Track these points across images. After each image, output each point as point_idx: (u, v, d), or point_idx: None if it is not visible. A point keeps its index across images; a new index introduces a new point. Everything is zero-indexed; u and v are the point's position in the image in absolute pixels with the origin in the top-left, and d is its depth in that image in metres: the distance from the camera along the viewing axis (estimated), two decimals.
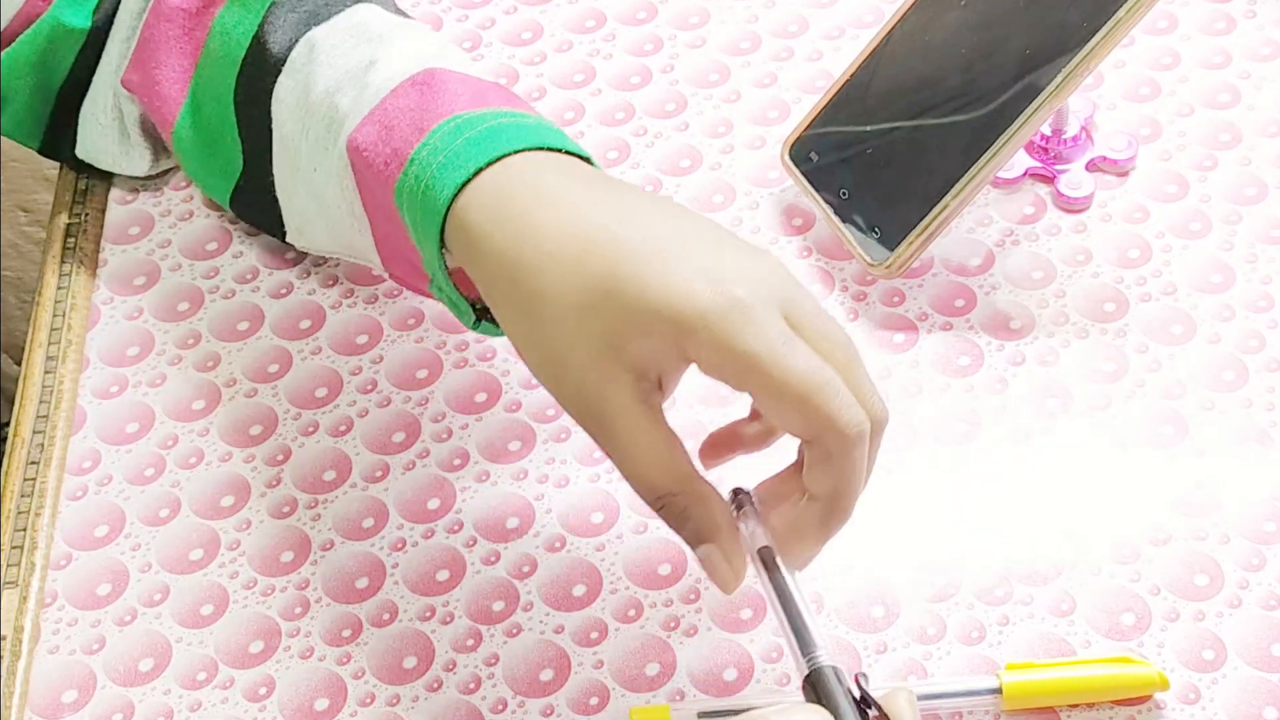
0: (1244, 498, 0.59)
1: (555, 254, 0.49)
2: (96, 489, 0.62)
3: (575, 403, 0.50)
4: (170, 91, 0.66)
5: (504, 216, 0.51)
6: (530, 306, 0.50)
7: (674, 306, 0.47)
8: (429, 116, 0.55)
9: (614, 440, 0.49)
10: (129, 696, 0.56)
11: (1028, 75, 0.63)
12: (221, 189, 0.66)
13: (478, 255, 0.51)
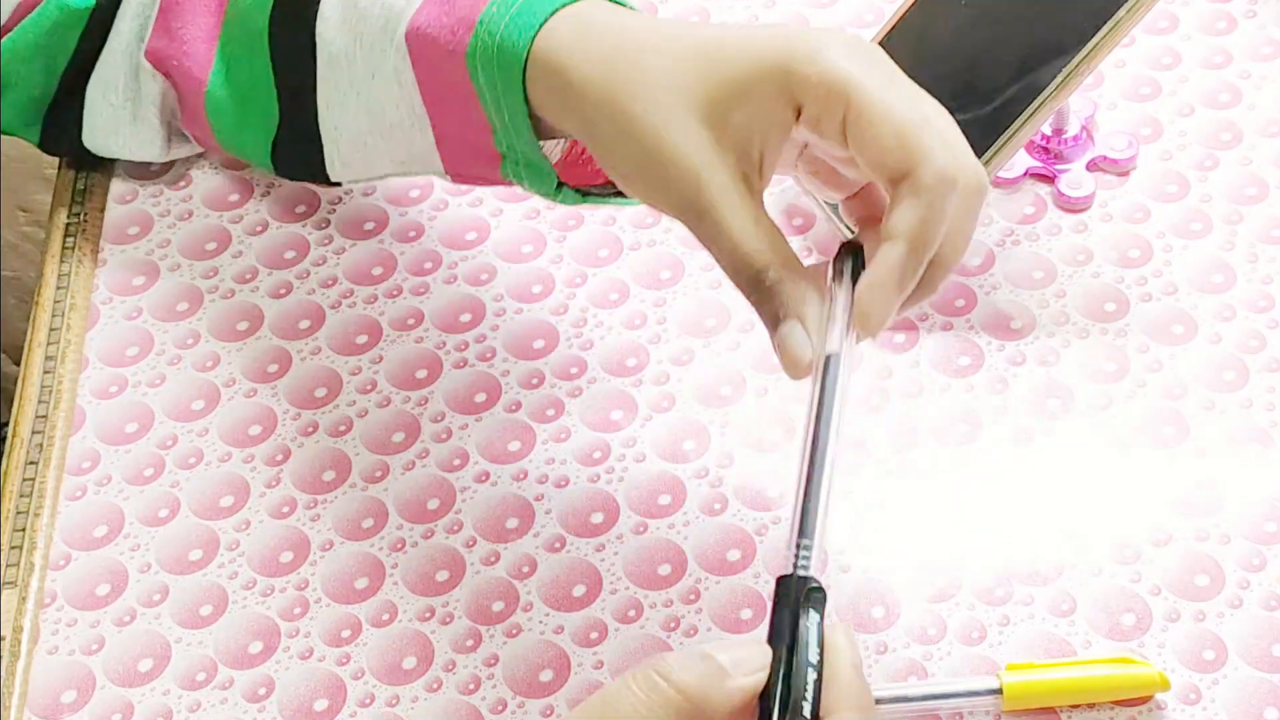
0: (1245, 498, 0.59)
1: (652, 49, 0.50)
2: (96, 489, 0.62)
3: (677, 191, 0.49)
4: (199, 51, 0.64)
5: (590, 39, 0.51)
6: (629, 109, 0.49)
7: (780, 46, 0.48)
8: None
9: (716, 217, 0.48)
10: (128, 697, 0.56)
11: (1028, 74, 0.63)
12: (260, 145, 0.64)
13: (565, 85, 0.51)
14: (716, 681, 0.42)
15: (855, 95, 0.47)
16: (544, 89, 0.52)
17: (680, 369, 0.64)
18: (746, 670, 0.42)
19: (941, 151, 0.47)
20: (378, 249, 0.69)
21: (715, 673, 0.42)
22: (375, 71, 0.58)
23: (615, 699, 0.41)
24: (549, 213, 0.70)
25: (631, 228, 0.69)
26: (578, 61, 0.51)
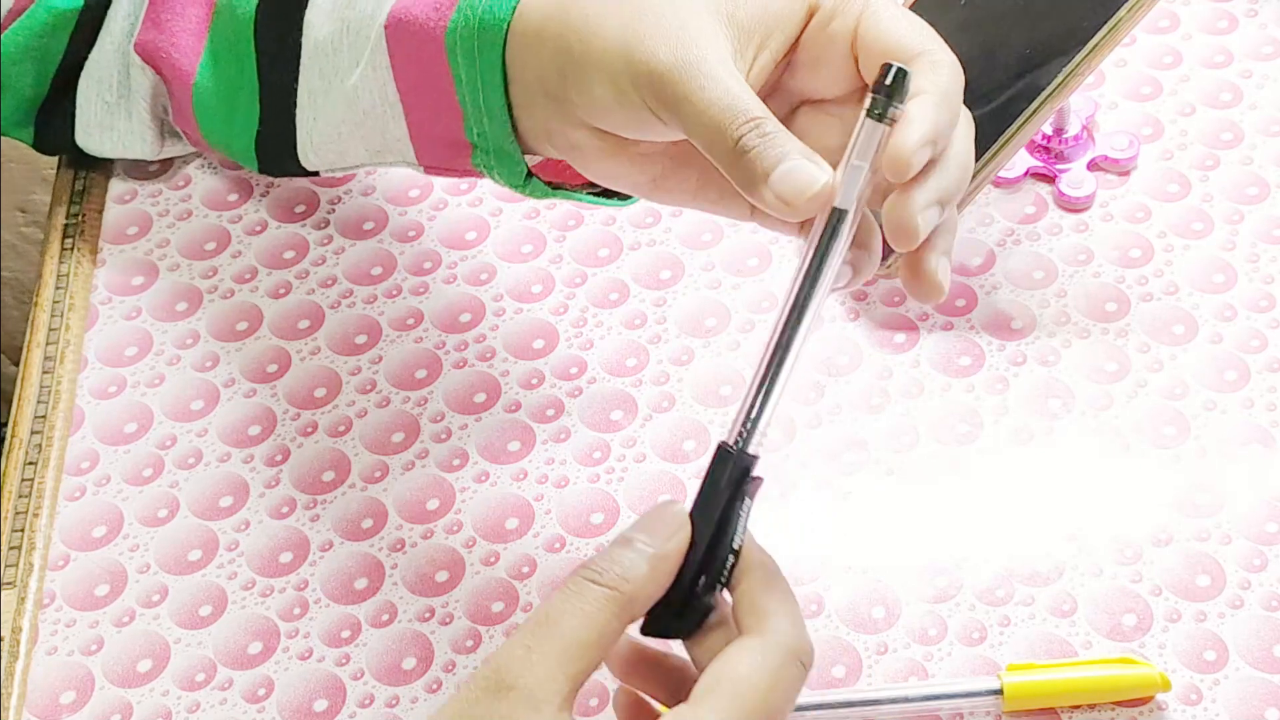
0: (1246, 498, 0.59)
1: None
2: (95, 489, 0.62)
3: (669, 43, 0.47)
4: (188, 44, 0.65)
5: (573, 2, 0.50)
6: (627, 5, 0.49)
7: None
8: None
9: (702, 75, 0.46)
10: (127, 698, 0.56)
11: (1028, 74, 0.62)
12: (245, 140, 0.64)
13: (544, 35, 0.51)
14: (641, 563, 0.43)
15: (874, 1, 0.48)
16: (522, 42, 0.52)
17: (680, 369, 0.64)
18: (665, 538, 0.44)
19: (948, 50, 0.47)
20: (377, 249, 0.69)
21: (638, 558, 0.43)
22: (359, 59, 0.58)
23: (557, 613, 0.42)
24: (549, 212, 0.70)
25: (631, 227, 0.69)
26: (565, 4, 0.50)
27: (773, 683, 0.42)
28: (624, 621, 0.43)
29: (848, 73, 0.48)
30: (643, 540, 0.44)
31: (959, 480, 0.60)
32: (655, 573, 0.43)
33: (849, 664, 0.56)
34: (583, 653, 0.42)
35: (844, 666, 0.56)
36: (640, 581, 0.43)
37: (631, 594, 0.43)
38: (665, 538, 0.44)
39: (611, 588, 0.43)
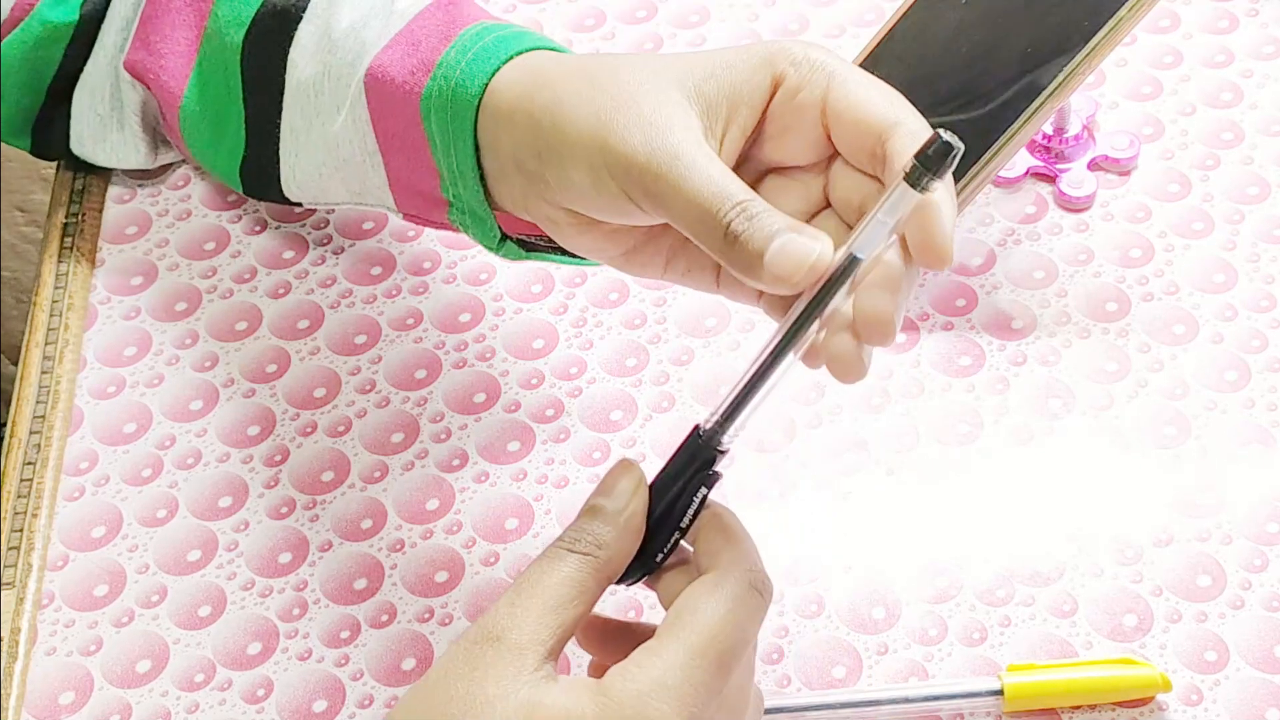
0: (1246, 498, 0.59)
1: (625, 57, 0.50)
2: (94, 490, 0.62)
3: (645, 136, 0.47)
4: (176, 66, 0.65)
5: (545, 77, 0.51)
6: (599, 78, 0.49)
7: (765, 42, 0.49)
8: (455, 26, 0.55)
9: (682, 164, 0.46)
10: (126, 698, 0.56)
11: (1029, 74, 0.62)
12: (230, 164, 0.65)
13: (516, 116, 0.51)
14: (609, 530, 0.46)
15: (839, 69, 0.48)
16: (494, 125, 0.52)
17: (680, 369, 0.64)
18: (625, 500, 0.47)
19: (918, 114, 0.47)
20: (376, 249, 0.69)
21: (607, 524, 0.46)
22: (339, 105, 0.59)
23: (539, 574, 0.45)
24: None
25: None
26: (539, 79, 0.51)
27: (730, 610, 0.45)
28: (601, 582, 0.46)
29: (816, 141, 0.49)
30: (607, 505, 0.47)
31: (959, 480, 0.60)
32: (624, 533, 0.47)
33: (849, 664, 0.55)
34: (565, 608, 0.45)
35: (844, 667, 0.55)
36: (612, 545, 0.46)
37: (606, 557, 0.46)
38: (626, 499, 0.47)
39: (586, 553, 0.46)
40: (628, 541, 0.47)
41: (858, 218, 0.48)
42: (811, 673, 0.55)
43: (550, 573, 0.45)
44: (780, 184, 0.50)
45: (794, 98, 0.48)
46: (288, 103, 0.61)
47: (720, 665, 0.44)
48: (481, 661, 0.44)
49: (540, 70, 0.51)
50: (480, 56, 0.53)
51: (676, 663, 0.43)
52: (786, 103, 0.48)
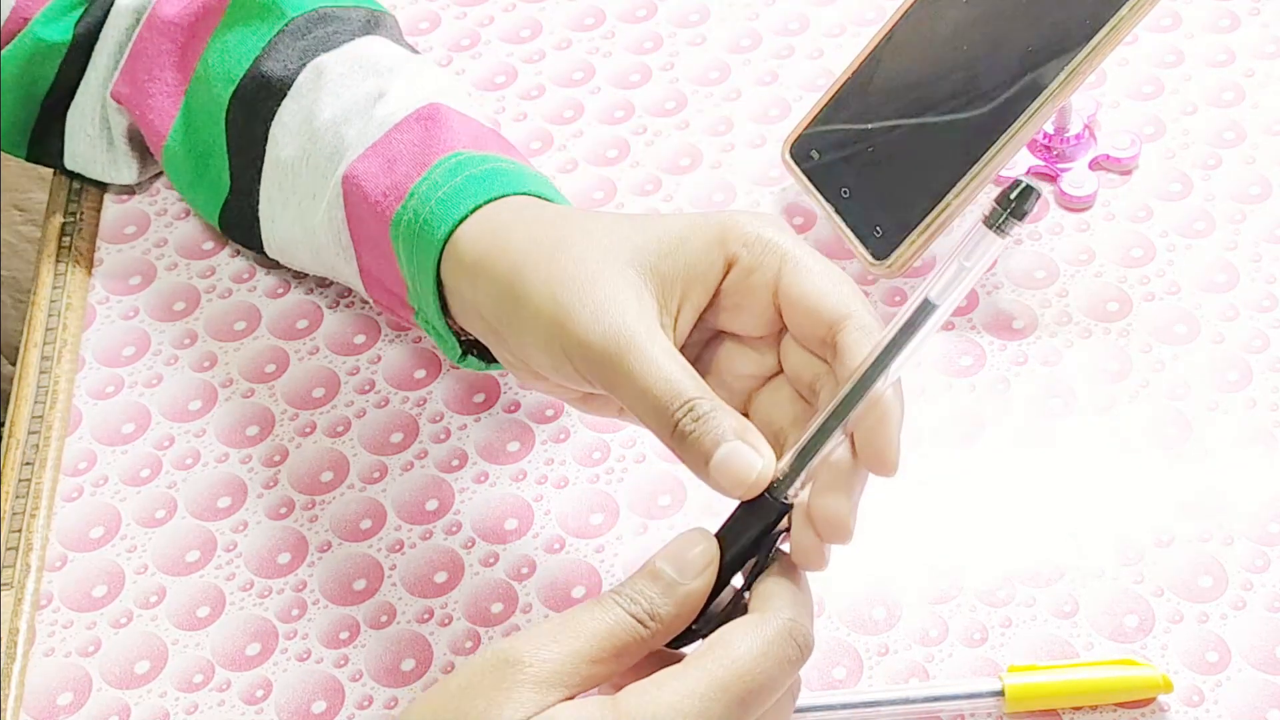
0: (1248, 499, 0.59)
1: (586, 217, 0.51)
2: (92, 490, 0.61)
3: (601, 325, 0.48)
4: (163, 105, 0.66)
5: (518, 221, 0.52)
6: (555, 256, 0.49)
7: (721, 213, 0.50)
8: (431, 152, 0.56)
9: (642, 350, 0.47)
10: (125, 699, 0.56)
11: (1030, 73, 0.62)
12: (211, 205, 0.66)
13: (478, 273, 0.52)
14: (669, 603, 0.45)
15: (791, 251, 0.49)
16: (456, 272, 0.53)
17: None
18: (693, 575, 0.45)
19: (868, 303, 0.48)
20: None
21: (667, 597, 0.45)
22: (316, 193, 0.60)
23: (585, 619, 0.44)
24: None
25: None
26: (501, 240, 0.51)
27: (764, 653, 0.43)
28: (643, 651, 0.44)
29: (769, 319, 0.49)
30: (671, 575, 0.45)
31: (960, 481, 0.60)
32: (680, 611, 0.45)
33: (850, 665, 0.55)
34: (599, 662, 0.44)
35: (845, 668, 0.55)
36: (666, 621, 0.45)
37: (655, 630, 0.44)
38: (693, 575, 0.45)
39: (638, 620, 0.44)
40: (682, 619, 0.45)
41: (809, 393, 0.49)
42: (811, 673, 0.55)
43: (597, 622, 0.44)
44: (734, 349, 0.51)
45: (747, 278, 0.49)
46: (266, 174, 0.62)
47: (742, 706, 0.43)
48: (502, 682, 0.42)
49: (504, 230, 0.52)
50: (450, 198, 0.54)
51: (697, 691, 0.42)
52: (740, 282, 0.49)
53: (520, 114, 0.73)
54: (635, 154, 0.71)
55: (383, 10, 0.66)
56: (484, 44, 0.76)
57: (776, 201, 0.69)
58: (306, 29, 0.63)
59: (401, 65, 0.61)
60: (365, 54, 0.62)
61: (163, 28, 0.65)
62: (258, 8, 0.64)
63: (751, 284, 0.49)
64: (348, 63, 0.61)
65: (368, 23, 0.64)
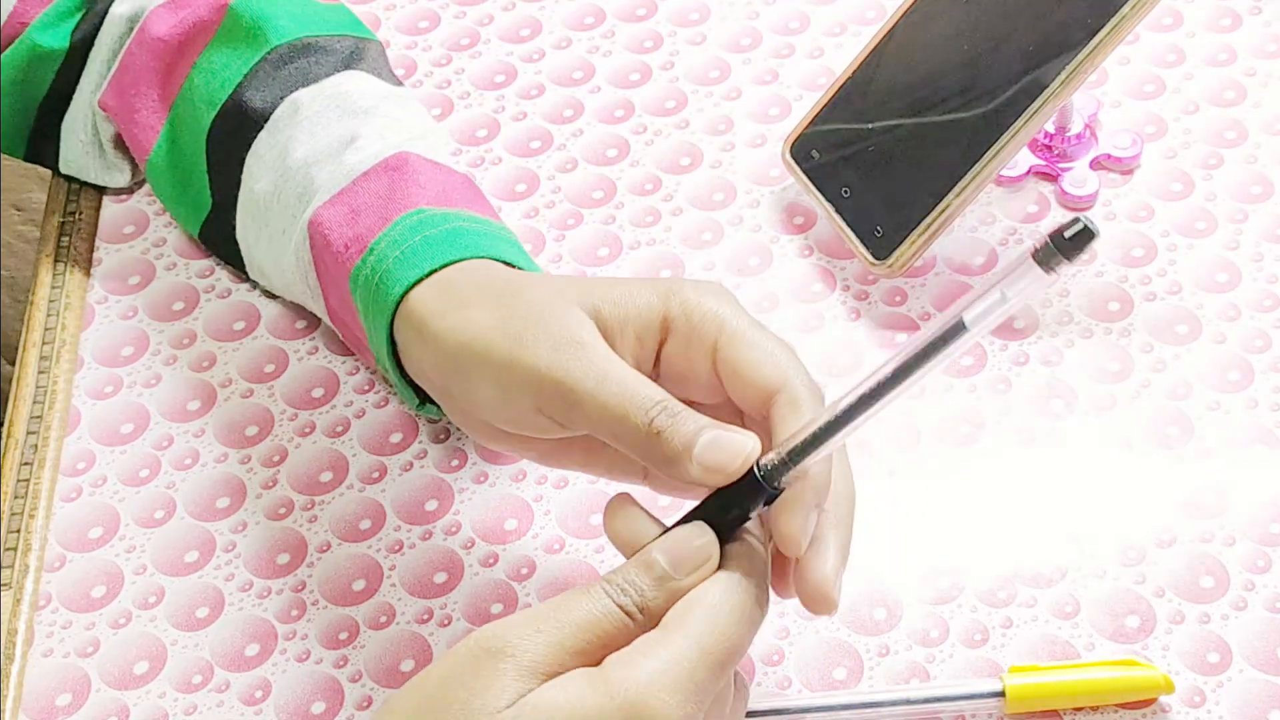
0: (1250, 499, 0.59)
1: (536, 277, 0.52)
2: (91, 490, 0.61)
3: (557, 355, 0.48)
4: (148, 120, 0.66)
5: (456, 297, 0.52)
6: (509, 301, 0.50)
7: (660, 281, 0.51)
8: (394, 206, 0.57)
9: (594, 371, 0.47)
10: (124, 700, 0.56)
11: (1031, 72, 0.62)
12: (193, 220, 0.66)
13: (426, 335, 0.53)
14: (660, 597, 0.44)
15: (728, 323, 0.49)
16: (406, 328, 0.53)
17: None
18: (687, 572, 0.45)
19: (807, 375, 0.48)
20: None
21: (659, 590, 0.44)
22: (285, 229, 0.61)
23: (571, 606, 0.44)
24: (548, 211, 0.69)
25: (631, 226, 0.69)
26: (450, 301, 0.52)
27: (743, 614, 0.44)
28: (629, 640, 0.44)
29: (714, 387, 0.50)
30: (665, 567, 0.45)
31: (961, 481, 0.60)
32: (671, 604, 0.45)
33: (850, 666, 0.55)
34: (584, 652, 0.43)
35: (845, 668, 0.55)
36: (655, 615, 0.44)
37: (644, 622, 0.44)
38: (688, 571, 0.45)
39: (627, 613, 0.44)
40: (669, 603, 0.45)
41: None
42: (812, 674, 0.55)
43: (583, 612, 0.44)
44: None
45: (685, 349, 0.49)
46: (242, 203, 0.63)
47: (722, 668, 0.44)
48: (484, 671, 0.42)
49: (452, 289, 0.53)
50: (405, 258, 0.54)
51: (685, 657, 0.43)
52: (679, 353, 0.50)
53: (519, 113, 0.73)
54: (635, 153, 0.71)
55: (369, 38, 0.66)
56: (483, 43, 0.76)
57: (777, 201, 0.69)
58: (289, 58, 0.63)
59: (377, 106, 0.62)
60: (342, 91, 0.62)
61: (152, 45, 0.65)
62: (243, 32, 0.64)
63: (691, 355, 0.49)
64: (324, 100, 0.62)
65: (350, 54, 0.64)
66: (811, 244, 0.68)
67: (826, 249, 0.67)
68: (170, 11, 0.66)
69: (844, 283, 0.66)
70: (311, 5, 0.66)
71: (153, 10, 0.66)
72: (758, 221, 0.68)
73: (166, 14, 0.66)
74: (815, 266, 0.67)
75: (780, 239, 0.68)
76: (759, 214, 0.69)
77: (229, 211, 0.64)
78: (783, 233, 0.68)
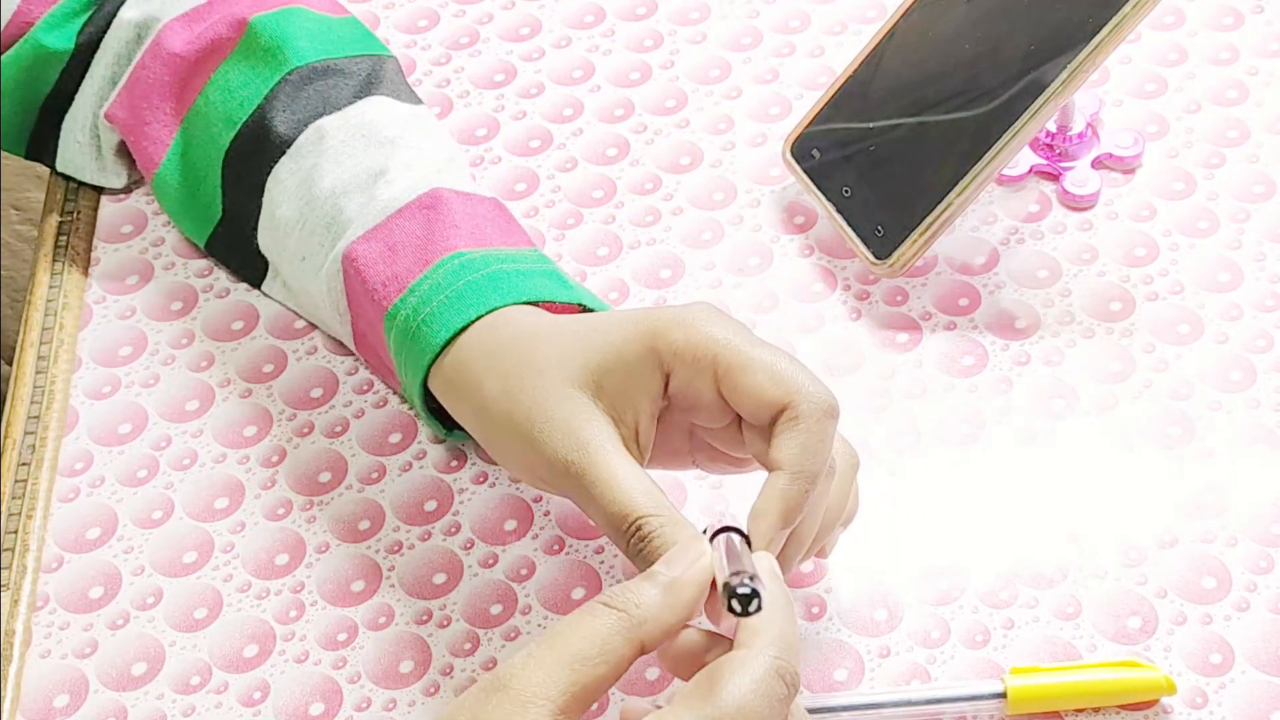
0: (1252, 499, 0.58)
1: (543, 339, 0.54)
2: (89, 491, 0.61)
3: (562, 452, 0.51)
4: (158, 134, 0.66)
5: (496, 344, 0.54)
6: (519, 394, 0.52)
7: (646, 321, 0.52)
8: (433, 248, 0.58)
9: (596, 470, 0.50)
10: (122, 701, 0.56)
11: (1032, 71, 0.62)
12: (200, 231, 0.66)
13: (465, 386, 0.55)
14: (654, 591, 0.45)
15: (722, 352, 0.50)
16: (444, 384, 0.56)
17: None
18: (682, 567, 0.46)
19: (815, 384, 0.50)
20: None
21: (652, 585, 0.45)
22: (307, 256, 0.61)
23: (565, 627, 0.44)
24: (547, 210, 0.69)
25: (631, 226, 0.68)
26: (480, 369, 0.54)
27: (752, 691, 0.43)
28: (632, 644, 0.44)
29: (723, 411, 0.51)
30: (660, 569, 0.46)
31: (962, 481, 0.60)
32: (669, 599, 0.45)
33: (851, 667, 0.55)
34: (582, 664, 0.43)
35: (846, 670, 0.55)
36: (651, 606, 0.44)
37: (641, 618, 0.44)
38: (682, 567, 0.45)
39: (621, 610, 0.44)
40: (672, 610, 0.45)
41: None
42: (813, 675, 0.55)
43: (576, 625, 0.44)
44: (708, 432, 0.53)
45: (688, 387, 0.51)
46: (263, 223, 0.63)
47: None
48: (484, 709, 0.42)
49: (470, 362, 0.55)
50: (445, 308, 0.56)
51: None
52: (684, 390, 0.51)
53: (519, 112, 0.73)
54: (635, 152, 0.71)
55: (385, 54, 0.66)
56: (483, 42, 0.76)
57: (777, 200, 0.69)
58: (309, 79, 0.63)
59: (402, 135, 0.62)
60: (367, 121, 0.62)
61: (167, 59, 0.65)
62: (262, 51, 0.64)
63: (695, 387, 0.51)
64: (349, 130, 0.62)
65: (369, 77, 0.64)
66: (812, 244, 0.67)
67: (827, 249, 0.67)
68: (186, 26, 0.66)
69: (845, 282, 0.66)
70: (327, 22, 0.66)
71: (168, 23, 0.66)
72: (758, 221, 0.68)
73: (182, 28, 0.66)
74: (816, 266, 0.67)
75: (781, 239, 0.68)
76: (759, 213, 0.69)
77: (242, 224, 0.64)
78: (783, 232, 0.68)
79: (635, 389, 0.51)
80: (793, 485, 0.48)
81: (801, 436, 0.49)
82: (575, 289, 0.58)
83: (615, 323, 0.53)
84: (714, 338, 0.50)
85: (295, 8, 0.65)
